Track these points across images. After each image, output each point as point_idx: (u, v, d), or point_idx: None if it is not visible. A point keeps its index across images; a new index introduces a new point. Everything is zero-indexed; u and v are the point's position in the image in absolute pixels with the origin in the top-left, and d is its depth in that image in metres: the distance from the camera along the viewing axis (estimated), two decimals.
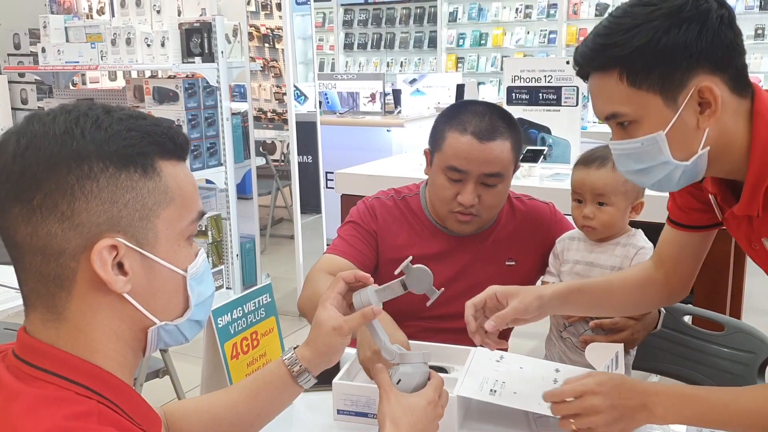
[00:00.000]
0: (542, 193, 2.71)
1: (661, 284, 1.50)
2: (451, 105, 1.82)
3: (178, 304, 0.89)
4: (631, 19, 1.12)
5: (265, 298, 1.44)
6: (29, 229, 0.79)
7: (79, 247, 0.80)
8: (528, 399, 1.37)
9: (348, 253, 1.77)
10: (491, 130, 1.67)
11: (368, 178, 3.19)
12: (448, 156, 1.70)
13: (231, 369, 1.34)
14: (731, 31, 1.13)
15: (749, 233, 1.26)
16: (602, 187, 1.64)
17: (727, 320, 1.77)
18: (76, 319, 0.82)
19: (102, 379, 0.81)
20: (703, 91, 1.12)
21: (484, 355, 1.52)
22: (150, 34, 3.73)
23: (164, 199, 0.84)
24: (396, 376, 1.11)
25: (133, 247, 0.82)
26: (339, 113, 5.74)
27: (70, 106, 0.84)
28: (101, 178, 0.80)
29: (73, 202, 0.79)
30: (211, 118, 3.80)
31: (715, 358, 1.74)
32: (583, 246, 1.73)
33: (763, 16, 6.98)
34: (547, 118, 3.11)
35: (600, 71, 1.17)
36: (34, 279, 0.82)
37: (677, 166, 1.17)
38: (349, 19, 8.96)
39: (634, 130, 1.17)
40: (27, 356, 0.82)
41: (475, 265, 1.81)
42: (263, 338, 1.42)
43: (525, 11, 8.01)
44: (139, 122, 0.84)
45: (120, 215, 0.81)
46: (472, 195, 1.69)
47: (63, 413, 0.75)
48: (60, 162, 0.79)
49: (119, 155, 0.81)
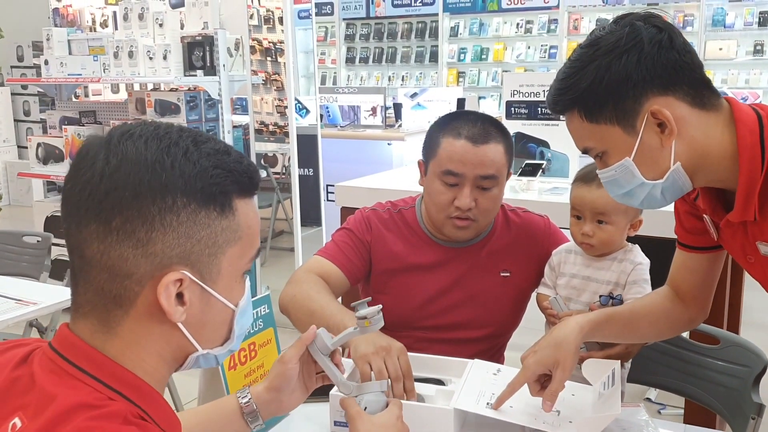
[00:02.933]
0: (541, 207, 2.72)
1: (681, 311, 1.52)
2: (442, 116, 1.86)
3: (223, 335, 0.91)
4: (580, 62, 1.22)
5: (263, 309, 1.45)
6: (101, 247, 0.81)
7: (147, 274, 0.81)
8: (524, 413, 1.37)
9: (337, 258, 1.79)
10: (484, 134, 1.72)
11: (368, 191, 3.19)
12: (444, 160, 1.73)
13: (228, 380, 1.34)
14: (673, 51, 1.18)
15: (744, 242, 1.28)
16: (603, 206, 1.64)
17: (723, 334, 1.78)
18: (125, 337, 0.84)
19: (136, 386, 0.83)
20: (656, 113, 1.18)
21: (481, 368, 1.53)
22: (152, 47, 3.76)
23: (234, 237, 0.86)
24: (362, 404, 1.18)
25: (197, 282, 0.84)
26: (340, 126, 5.76)
27: (161, 130, 0.84)
28: (182, 213, 0.81)
29: (151, 232, 0.80)
30: (213, 131, 3.83)
31: (710, 371, 1.74)
32: (580, 260, 1.73)
33: (762, 32, 7.01)
34: (546, 132, 3.13)
35: (564, 114, 1.26)
36: (93, 292, 0.83)
37: (654, 185, 1.23)
38: (351, 33, 9.01)
39: (607, 159, 1.25)
40: (67, 352, 0.83)
41: (470, 276, 1.82)
42: (261, 349, 1.43)
43: (526, 26, 8.06)
44: (224, 159, 0.85)
45: (192, 250, 0.83)
46: (469, 198, 1.71)
47: (88, 415, 0.76)
48: (147, 191, 0.80)
49: (203, 193, 0.82)
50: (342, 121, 5.83)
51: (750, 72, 7.00)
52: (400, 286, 1.80)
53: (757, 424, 1.56)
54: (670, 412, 2.99)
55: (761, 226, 1.22)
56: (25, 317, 2.19)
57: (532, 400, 1.41)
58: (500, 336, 1.88)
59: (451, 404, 1.36)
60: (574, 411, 1.39)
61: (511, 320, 1.88)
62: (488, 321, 1.82)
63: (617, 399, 1.33)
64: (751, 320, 2.97)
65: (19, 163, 7.75)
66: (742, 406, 1.63)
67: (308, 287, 1.67)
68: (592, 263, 1.71)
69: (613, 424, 1.35)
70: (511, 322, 1.89)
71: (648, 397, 3.11)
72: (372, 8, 8.79)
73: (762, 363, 1.62)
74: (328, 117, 5.87)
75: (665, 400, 3.05)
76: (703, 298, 1.50)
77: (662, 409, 3.04)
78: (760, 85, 6.95)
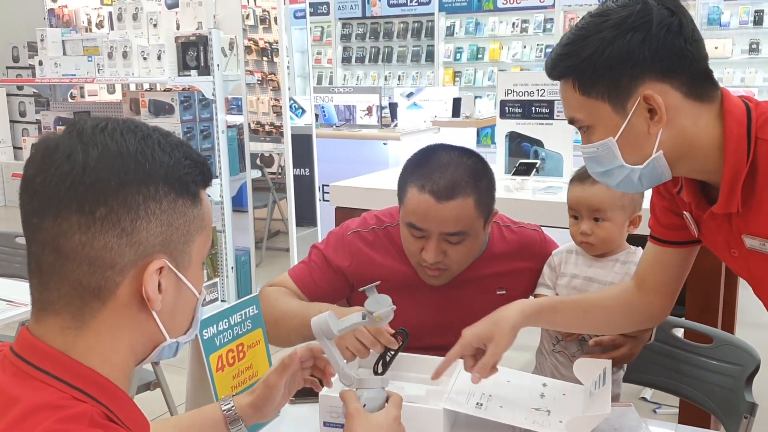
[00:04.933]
0: (534, 206, 2.74)
1: (642, 306, 1.50)
2: (420, 150, 1.70)
3: (187, 323, 0.94)
4: (586, 30, 1.19)
5: (251, 310, 1.43)
6: (84, 239, 0.81)
7: (130, 263, 0.83)
8: (513, 413, 1.37)
9: (302, 281, 1.76)
10: (450, 189, 1.58)
11: (363, 191, 3.17)
12: (408, 212, 1.63)
13: (216, 381, 1.33)
14: (680, 38, 1.16)
15: (729, 236, 1.27)
16: (598, 203, 1.64)
17: (716, 333, 1.77)
18: (99, 330, 0.84)
19: (100, 385, 0.83)
20: (648, 99, 1.16)
21: None
22: (146, 47, 3.75)
23: (201, 225, 0.90)
24: (361, 401, 1.15)
25: (173, 270, 0.87)
26: (336, 126, 5.76)
27: (129, 123, 0.86)
28: (164, 201, 0.84)
29: (136, 220, 0.82)
30: (207, 131, 3.81)
31: (703, 370, 1.73)
32: (582, 260, 1.72)
33: (758, 31, 7.01)
34: (540, 131, 3.12)
35: (559, 79, 1.24)
36: (69, 286, 0.83)
37: (632, 170, 1.22)
38: (347, 33, 9.00)
39: (591, 135, 1.23)
40: (28, 355, 0.83)
41: (464, 295, 1.75)
42: (250, 350, 1.42)
43: (522, 26, 8.05)
44: (190, 151, 0.89)
45: (171, 238, 0.85)
46: (434, 253, 1.62)
47: (54, 417, 0.76)
48: (132, 180, 0.82)
49: (179, 182, 0.86)
50: (338, 120, 5.82)
51: (745, 70, 7.00)
52: None
53: (750, 423, 1.55)
54: (666, 411, 2.99)
55: (746, 219, 1.21)
56: (17, 318, 2.19)
57: (522, 401, 1.41)
58: None
59: (441, 404, 1.35)
60: (564, 411, 1.39)
61: None
62: None
63: (607, 398, 1.32)
64: (747, 320, 2.96)
65: (14, 164, 7.76)
66: (735, 405, 1.62)
67: (274, 299, 1.67)
68: (593, 264, 1.70)
69: (604, 424, 1.35)
70: None
71: (643, 396, 3.10)
72: (368, 8, 8.77)
73: (755, 362, 1.62)
74: (324, 117, 5.86)
75: (661, 400, 3.05)
76: (669, 292, 1.49)
77: (658, 409, 3.04)
78: (756, 83, 6.94)
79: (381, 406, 1.17)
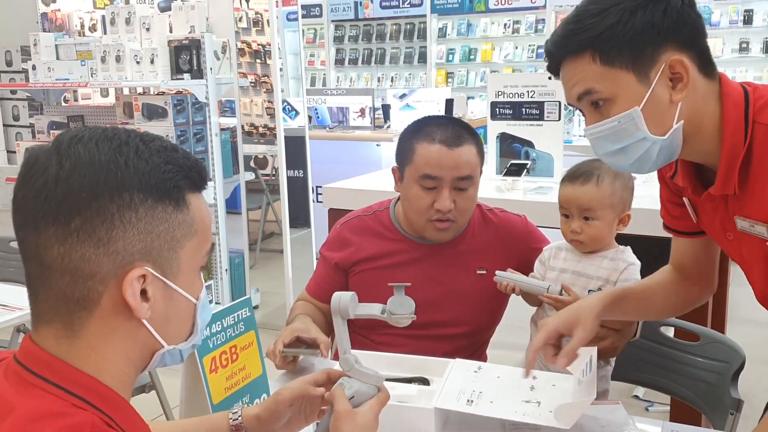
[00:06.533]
0: (525, 207, 2.74)
1: (689, 287, 1.54)
2: (412, 122, 1.89)
3: (187, 329, 0.93)
4: (599, 5, 1.20)
5: (244, 312, 1.45)
6: (62, 250, 0.81)
7: (110, 273, 0.83)
8: (504, 407, 1.38)
9: (315, 292, 1.93)
10: (457, 137, 1.77)
11: (356, 192, 3.18)
12: (421, 166, 1.77)
13: (210, 383, 1.35)
14: (694, 12, 1.20)
15: (724, 218, 1.29)
16: (588, 202, 1.68)
17: (703, 331, 1.80)
18: (91, 339, 0.84)
19: (100, 393, 0.83)
20: (674, 65, 1.18)
21: (462, 366, 1.55)
22: (139, 51, 3.76)
23: (190, 231, 0.88)
24: (350, 392, 1.15)
25: (159, 277, 0.86)
26: (329, 128, 5.77)
27: (109, 132, 0.86)
28: (140, 209, 0.83)
29: (111, 230, 0.82)
30: (200, 133, 3.83)
31: (690, 368, 1.76)
32: (571, 256, 1.76)
33: (748, 30, 7.05)
34: (531, 132, 3.14)
35: (572, 55, 1.23)
36: (56, 297, 0.83)
37: (655, 141, 1.21)
38: (339, 34, 9.01)
39: (609, 108, 1.22)
40: (30, 364, 0.84)
41: (445, 273, 1.85)
42: (243, 352, 1.44)
43: (513, 26, 8.08)
44: (174, 155, 0.87)
45: (152, 245, 0.84)
46: (448, 200, 1.76)
47: (56, 425, 0.76)
48: (104, 190, 0.81)
49: (158, 188, 0.84)
50: (331, 122, 5.83)
51: (736, 69, 7.01)
52: (377, 284, 1.81)
53: (736, 420, 1.57)
54: (658, 409, 3.01)
55: (741, 201, 1.23)
56: (12, 322, 2.19)
57: (513, 396, 1.43)
58: (479, 333, 1.89)
59: (432, 403, 1.37)
60: (554, 401, 1.40)
61: (490, 318, 1.90)
62: (466, 318, 1.83)
63: (593, 384, 1.34)
64: (738, 316, 2.99)
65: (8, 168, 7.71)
66: (721, 401, 1.65)
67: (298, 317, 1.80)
68: (582, 259, 1.74)
69: (592, 422, 1.37)
70: (490, 320, 1.90)
71: (636, 394, 3.12)
72: (360, 10, 8.79)
73: (740, 359, 1.64)
74: (317, 118, 5.87)
75: (652, 398, 3.07)
76: (708, 274, 1.53)
77: (650, 407, 3.06)
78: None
79: (366, 401, 1.16)
